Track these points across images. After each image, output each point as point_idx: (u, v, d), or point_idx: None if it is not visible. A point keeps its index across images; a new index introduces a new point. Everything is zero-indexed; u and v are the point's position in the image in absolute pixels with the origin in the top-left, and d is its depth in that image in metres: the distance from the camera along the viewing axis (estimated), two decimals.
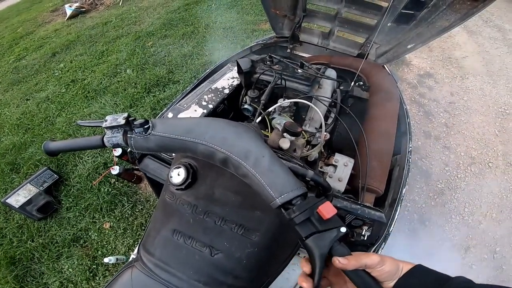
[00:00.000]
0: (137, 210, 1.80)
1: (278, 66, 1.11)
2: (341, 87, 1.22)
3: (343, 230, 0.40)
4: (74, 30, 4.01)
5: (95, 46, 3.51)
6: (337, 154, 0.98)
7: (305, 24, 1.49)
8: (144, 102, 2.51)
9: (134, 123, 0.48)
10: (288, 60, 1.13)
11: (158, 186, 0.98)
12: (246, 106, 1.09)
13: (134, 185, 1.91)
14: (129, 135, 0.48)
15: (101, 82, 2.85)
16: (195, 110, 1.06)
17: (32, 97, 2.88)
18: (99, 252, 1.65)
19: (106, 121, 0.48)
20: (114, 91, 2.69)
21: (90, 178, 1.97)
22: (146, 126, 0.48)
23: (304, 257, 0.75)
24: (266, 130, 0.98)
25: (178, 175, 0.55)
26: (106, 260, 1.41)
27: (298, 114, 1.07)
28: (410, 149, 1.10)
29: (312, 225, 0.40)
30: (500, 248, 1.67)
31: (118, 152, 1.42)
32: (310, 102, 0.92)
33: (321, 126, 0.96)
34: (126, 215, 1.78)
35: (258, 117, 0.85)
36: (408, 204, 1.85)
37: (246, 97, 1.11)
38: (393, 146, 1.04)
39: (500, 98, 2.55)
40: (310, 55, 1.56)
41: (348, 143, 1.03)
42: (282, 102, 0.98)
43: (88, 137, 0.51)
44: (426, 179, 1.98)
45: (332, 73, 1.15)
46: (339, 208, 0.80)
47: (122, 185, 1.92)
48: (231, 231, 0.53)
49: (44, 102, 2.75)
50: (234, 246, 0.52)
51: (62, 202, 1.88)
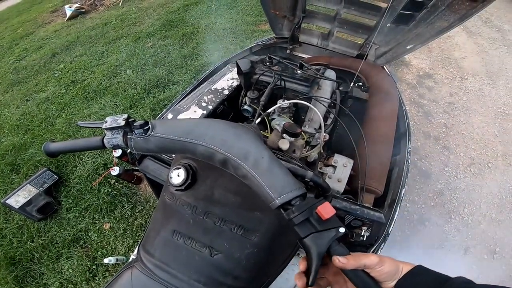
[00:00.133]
0: (137, 211, 1.80)
1: (277, 67, 1.12)
2: (340, 88, 1.22)
3: (342, 230, 0.40)
4: (74, 31, 4.01)
5: (95, 47, 3.51)
6: (336, 155, 0.98)
7: (304, 25, 1.49)
8: (144, 103, 2.51)
9: (134, 124, 0.48)
10: (287, 61, 1.13)
11: (158, 187, 0.98)
12: (245, 107, 1.09)
13: (134, 186, 1.91)
14: (129, 136, 0.48)
15: (101, 83, 2.86)
16: (195, 111, 1.06)
17: (32, 98, 2.88)
18: (99, 252, 1.65)
19: (106, 122, 0.48)
20: (114, 92, 2.70)
21: (90, 179, 1.97)
22: (145, 127, 0.48)
23: (303, 257, 0.75)
24: (266, 131, 0.98)
25: (178, 176, 0.55)
26: (106, 260, 1.41)
27: (298, 115, 1.07)
28: (410, 149, 1.10)
29: (311, 225, 0.41)
30: (499, 248, 1.67)
31: (118, 153, 1.42)
32: (310, 103, 0.92)
33: (320, 127, 0.96)
34: (126, 216, 1.78)
35: (258, 118, 0.85)
36: (407, 204, 1.85)
37: (246, 98, 1.11)
38: (392, 146, 1.04)
39: (499, 99, 2.55)
40: (309, 56, 1.56)
41: (347, 144, 1.03)
42: (282, 103, 0.98)
43: (88, 138, 0.51)
44: (425, 180, 1.98)
45: (331, 74, 1.15)
46: (339, 208, 0.80)
47: (122, 186, 1.92)
48: (231, 232, 0.53)
49: (44, 103, 2.75)
50: (233, 246, 0.52)
51: (62, 202, 1.88)
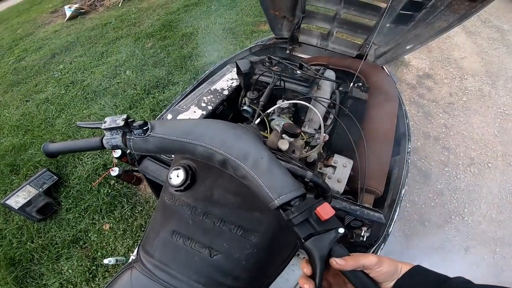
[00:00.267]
0: (136, 211, 1.80)
1: (277, 67, 1.11)
2: (340, 88, 1.22)
3: (341, 231, 0.40)
4: (74, 32, 4.01)
5: (95, 48, 3.51)
6: (336, 155, 0.98)
7: (304, 25, 1.49)
8: (143, 104, 2.51)
9: (133, 125, 0.48)
10: (287, 61, 1.13)
11: (157, 188, 0.98)
12: (245, 108, 1.09)
13: (134, 186, 1.91)
14: (128, 137, 0.48)
15: (100, 84, 2.86)
16: (194, 112, 1.06)
17: (31, 98, 2.88)
18: (99, 253, 1.65)
19: (105, 122, 0.48)
20: (113, 93, 2.70)
21: (89, 179, 1.97)
22: (145, 128, 0.48)
23: (304, 258, 0.75)
24: (265, 131, 0.98)
25: (177, 177, 0.55)
26: (105, 261, 1.41)
27: (297, 115, 1.07)
28: (409, 149, 1.10)
29: (310, 226, 0.40)
30: (500, 248, 1.67)
31: (117, 153, 1.42)
32: (309, 103, 0.92)
33: (320, 127, 0.96)
34: (126, 216, 1.78)
35: (257, 118, 0.85)
36: (407, 204, 1.85)
37: (245, 98, 1.11)
38: (392, 147, 1.04)
39: (499, 99, 2.55)
40: (309, 56, 1.56)
41: (347, 144, 1.03)
42: (281, 103, 0.98)
43: (87, 138, 0.51)
44: (425, 180, 1.98)
45: (331, 74, 1.15)
46: (338, 209, 0.80)
47: (121, 186, 1.92)
48: (230, 232, 0.53)
49: (43, 103, 2.75)
50: (233, 247, 0.52)
51: (62, 203, 1.88)
